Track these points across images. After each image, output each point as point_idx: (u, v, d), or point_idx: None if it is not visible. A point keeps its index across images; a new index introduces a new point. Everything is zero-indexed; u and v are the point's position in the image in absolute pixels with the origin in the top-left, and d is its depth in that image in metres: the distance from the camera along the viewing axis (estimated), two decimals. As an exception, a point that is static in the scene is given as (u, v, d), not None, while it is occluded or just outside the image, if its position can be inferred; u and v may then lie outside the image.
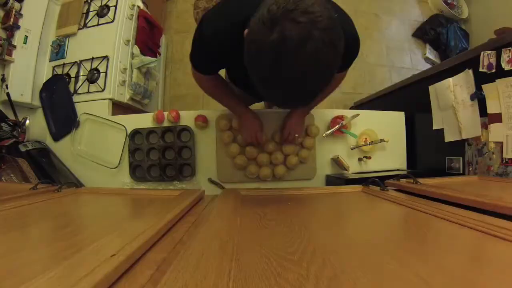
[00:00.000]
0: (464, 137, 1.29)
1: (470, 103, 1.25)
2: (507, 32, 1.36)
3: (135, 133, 1.41)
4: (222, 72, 1.14)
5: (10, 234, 0.53)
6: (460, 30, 2.95)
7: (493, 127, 1.16)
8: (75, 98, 1.59)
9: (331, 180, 1.39)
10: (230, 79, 1.21)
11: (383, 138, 1.43)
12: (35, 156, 1.39)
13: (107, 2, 1.71)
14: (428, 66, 2.88)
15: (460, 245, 0.47)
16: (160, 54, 2.28)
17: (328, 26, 0.55)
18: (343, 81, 1.17)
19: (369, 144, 1.43)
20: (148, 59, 1.81)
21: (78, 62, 1.63)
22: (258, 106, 1.89)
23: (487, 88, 1.18)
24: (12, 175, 1.31)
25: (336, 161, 1.41)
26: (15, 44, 1.46)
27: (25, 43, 1.51)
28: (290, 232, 0.52)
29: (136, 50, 1.77)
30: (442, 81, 1.38)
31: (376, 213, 0.73)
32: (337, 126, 1.41)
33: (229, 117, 1.37)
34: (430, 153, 1.54)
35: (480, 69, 1.18)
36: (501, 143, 1.13)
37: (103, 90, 1.58)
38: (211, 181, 1.42)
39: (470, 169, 1.27)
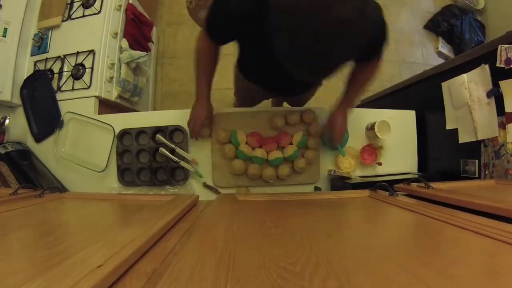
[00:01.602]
0: (480, 137, 1.29)
1: (487, 101, 1.26)
2: (525, 25, 1.36)
3: (124, 133, 1.41)
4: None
5: (-12, 243, 0.53)
6: (476, 21, 2.96)
7: (511, 127, 1.16)
8: (59, 96, 1.59)
9: (336, 185, 1.39)
10: (241, 66, 1.28)
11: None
12: (15, 159, 1.39)
13: (93, -9, 1.71)
14: (441, 61, 2.89)
15: (476, 255, 0.47)
16: (150, 50, 2.28)
17: None
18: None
19: (346, 173, 1.43)
20: (137, 53, 1.81)
21: (62, 56, 1.63)
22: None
23: (505, 84, 1.18)
24: (-10, 179, 1.30)
25: (332, 177, 1.42)
26: (-6, 37, 1.46)
27: (4, 36, 1.51)
28: (292, 241, 0.52)
29: (125, 43, 1.77)
30: (456, 77, 1.38)
31: (384, 220, 0.73)
32: None
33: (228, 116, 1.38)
34: (443, 155, 1.54)
35: (497, 64, 1.19)
36: (520, 144, 1.13)
37: (89, 87, 1.58)
38: (206, 185, 1.42)
39: (487, 172, 1.27)
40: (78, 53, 1.62)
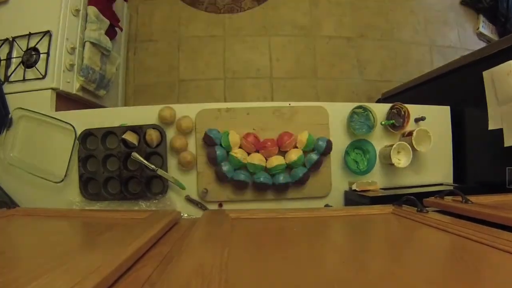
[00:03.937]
0: (530, 140, 1.30)
1: (538, 94, 1.26)
2: None
3: (87, 134, 1.41)
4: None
5: None
6: (525, -4, 2.98)
7: None
8: (6, 88, 1.58)
9: (351, 199, 1.39)
10: None
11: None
12: (-50, 167, 1.38)
13: (50, -42, 1.71)
14: (482, 44, 2.90)
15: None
16: (121, 29, 2.28)
17: None
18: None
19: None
20: (107, 41, 1.82)
21: (10, 39, 1.63)
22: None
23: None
24: None
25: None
26: None
27: None
28: (297, 269, 0.52)
29: (93, 11, 1.78)
30: (501, 65, 1.39)
31: (412, 242, 0.73)
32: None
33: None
34: (484, 161, 1.55)
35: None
36: None
37: (43, 77, 1.57)
38: (189, 199, 1.41)
39: (539, 183, 1.28)
40: (30, 34, 1.61)
